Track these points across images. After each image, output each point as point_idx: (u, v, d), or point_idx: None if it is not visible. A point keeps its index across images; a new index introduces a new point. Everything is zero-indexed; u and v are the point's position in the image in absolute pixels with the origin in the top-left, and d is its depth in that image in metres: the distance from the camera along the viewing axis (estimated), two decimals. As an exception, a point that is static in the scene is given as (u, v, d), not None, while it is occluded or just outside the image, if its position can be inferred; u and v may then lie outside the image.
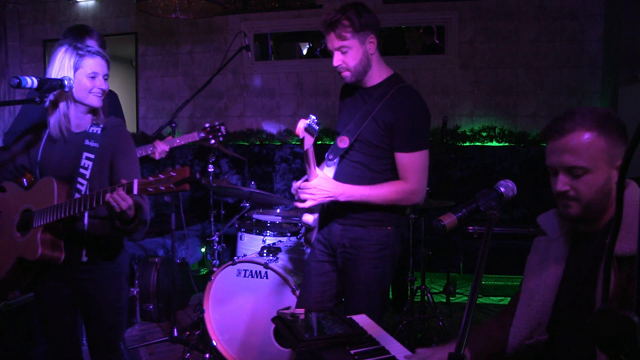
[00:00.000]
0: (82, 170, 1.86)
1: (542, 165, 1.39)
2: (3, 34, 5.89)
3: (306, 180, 2.03)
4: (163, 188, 1.56)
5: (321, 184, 2.00)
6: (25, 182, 2.16)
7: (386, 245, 2.13)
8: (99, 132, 1.90)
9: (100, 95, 1.90)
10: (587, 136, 1.28)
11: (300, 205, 2.04)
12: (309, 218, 2.21)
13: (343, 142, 2.11)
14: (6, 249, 1.88)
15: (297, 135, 1.88)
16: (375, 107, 2.06)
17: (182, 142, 3.00)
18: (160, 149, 2.90)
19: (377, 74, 2.14)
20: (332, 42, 2.06)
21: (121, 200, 1.63)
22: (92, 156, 1.86)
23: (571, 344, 1.35)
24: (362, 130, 2.08)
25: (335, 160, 2.16)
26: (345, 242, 2.15)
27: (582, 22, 4.90)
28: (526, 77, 5.06)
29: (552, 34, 4.96)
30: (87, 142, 1.88)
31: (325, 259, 2.23)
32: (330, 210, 2.20)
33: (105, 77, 1.92)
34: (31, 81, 1.74)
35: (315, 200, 2.01)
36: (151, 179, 1.58)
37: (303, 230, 2.43)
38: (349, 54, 2.05)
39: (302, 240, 2.46)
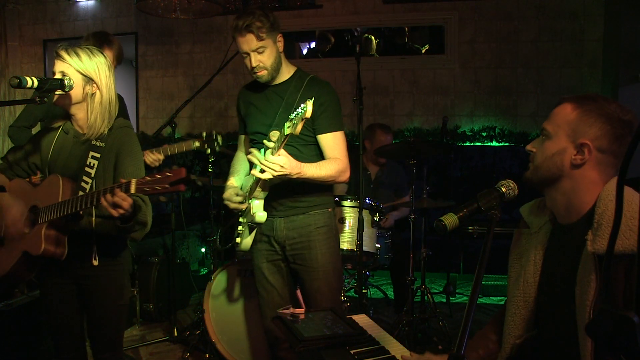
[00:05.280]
0: (87, 169, 1.89)
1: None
2: (3, 34, 5.89)
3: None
4: (159, 188, 1.58)
5: (285, 161, 1.99)
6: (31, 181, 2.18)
7: (331, 226, 2.29)
8: (105, 131, 1.93)
9: (55, 94, 1.87)
10: (564, 106, 1.34)
11: (258, 175, 2.01)
12: (262, 216, 2.16)
13: (275, 136, 2.13)
14: (14, 244, 1.92)
15: None
16: (296, 98, 2.19)
17: (177, 152, 2.99)
18: (151, 158, 2.90)
19: (286, 70, 2.27)
20: (250, 43, 2.14)
21: (122, 201, 1.64)
22: (98, 155, 1.89)
23: (554, 338, 1.34)
24: None
25: None
26: (293, 234, 2.23)
27: (582, 22, 4.90)
28: (526, 77, 5.06)
29: (552, 34, 4.96)
30: (94, 141, 1.92)
31: (276, 257, 2.30)
32: (268, 207, 2.20)
33: (62, 75, 1.85)
34: (31, 81, 1.74)
35: (275, 174, 1.99)
36: (148, 178, 1.59)
37: (238, 235, 2.35)
38: (265, 53, 2.15)
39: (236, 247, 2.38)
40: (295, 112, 1.83)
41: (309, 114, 1.77)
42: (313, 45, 5.95)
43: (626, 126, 1.27)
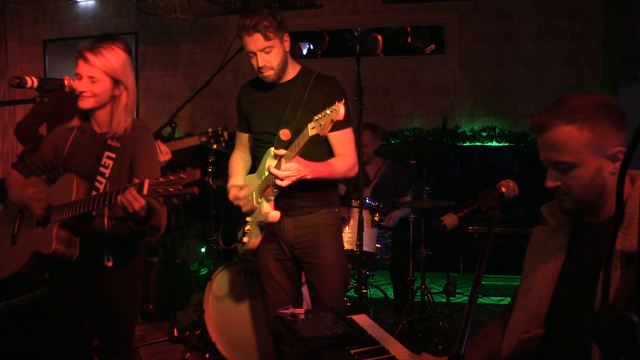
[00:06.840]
0: (101, 169, 1.87)
1: (542, 165, 1.36)
2: (3, 34, 5.89)
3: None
4: (172, 190, 1.55)
5: (297, 166, 2.00)
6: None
7: (338, 225, 2.31)
8: (122, 132, 1.91)
9: (82, 97, 1.84)
10: (567, 130, 1.23)
11: (280, 183, 2.01)
12: (276, 215, 2.16)
13: (285, 135, 2.18)
14: (25, 243, 1.91)
15: None
16: (303, 96, 2.18)
17: (184, 146, 3.01)
18: (163, 149, 2.91)
19: (292, 69, 2.25)
20: (257, 43, 2.11)
21: (134, 200, 1.61)
22: (113, 155, 1.88)
23: (569, 338, 1.33)
24: (299, 120, 2.15)
25: None
26: (301, 233, 2.23)
27: (582, 22, 4.90)
28: (526, 77, 5.06)
29: (552, 34, 4.96)
30: (109, 141, 1.90)
31: (283, 257, 2.30)
32: (276, 207, 2.20)
33: (92, 80, 1.83)
34: (31, 81, 1.74)
35: (293, 179, 2.01)
36: (161, 179, 1.57)
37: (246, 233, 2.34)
38: (272, 53, 2.13)
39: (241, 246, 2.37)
40: (322, 114, 1.81)
41: (341, 116, 1.75)
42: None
43: (619, 108, 1.26)
